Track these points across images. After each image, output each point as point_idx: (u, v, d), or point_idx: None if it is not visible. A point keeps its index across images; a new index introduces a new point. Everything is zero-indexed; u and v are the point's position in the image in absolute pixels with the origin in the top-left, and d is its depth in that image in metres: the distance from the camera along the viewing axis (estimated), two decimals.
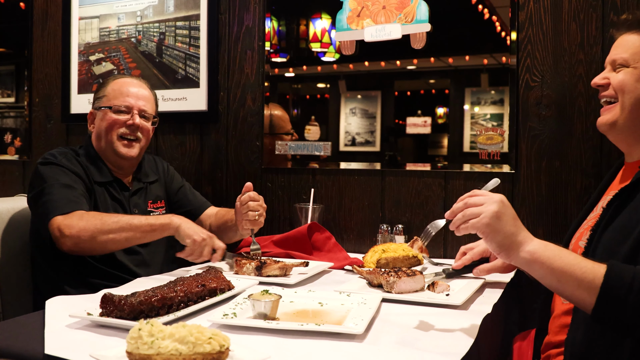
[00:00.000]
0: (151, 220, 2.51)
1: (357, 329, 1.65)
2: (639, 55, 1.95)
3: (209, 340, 1.35)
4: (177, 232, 2.50)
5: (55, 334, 1.66)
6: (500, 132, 2.98)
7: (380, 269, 2.32)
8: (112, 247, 2.49)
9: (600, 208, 1.95)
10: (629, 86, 1.94)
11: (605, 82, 2.02)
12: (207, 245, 2.50)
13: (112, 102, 2.78)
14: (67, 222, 2.40)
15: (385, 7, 3.17)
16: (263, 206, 2.70)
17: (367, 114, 3.37)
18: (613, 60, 2.01)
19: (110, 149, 2.76)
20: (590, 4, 2.81)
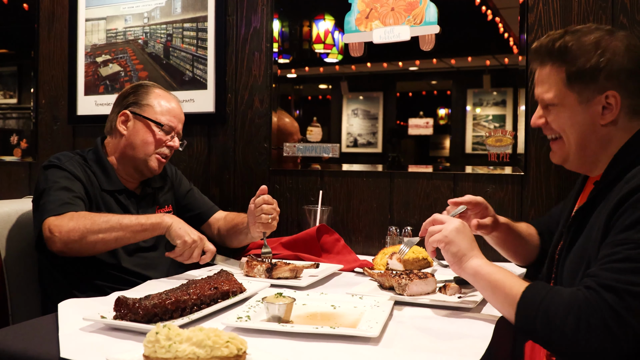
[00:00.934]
0: (142, 220, 2.48)
1: (373, 332, 1.65)
2: (562, 92, 1.89)
3: (227, 343, 1.35)
4: (168, 232, 2.47)
5: (70, 337, 1.66)
6: (510, 134, 2.97)
7: (392, 271, 2.32)
8: (102, 247, 2.45)
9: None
10: (567, 124, 1.91)
11: (543, 123, 1.99)
12: (197, 247, 2.48)
13: (159, 118, 2.77)
14: (57, 223, 2.39)
15: (394, 9, 3.16)
16: (277, 210, 2.70)
17: (369, 115, 3.37)
18: (541, 99, 1.97)
19: (143, 161, 2.75)
20: (599, 5, 2.80)
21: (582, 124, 1.88)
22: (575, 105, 1.87)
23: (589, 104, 1.86)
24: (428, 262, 2.66)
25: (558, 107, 1.91)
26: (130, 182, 2.81)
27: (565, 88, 1.87)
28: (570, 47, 1.85)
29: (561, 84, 1.88)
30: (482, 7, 3.02)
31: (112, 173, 2.74)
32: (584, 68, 1.83)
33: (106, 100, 3.93)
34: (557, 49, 1.87)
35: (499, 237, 2.37)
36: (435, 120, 3.21)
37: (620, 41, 1.84)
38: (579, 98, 1.86)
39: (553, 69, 1.90)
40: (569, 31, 1.90)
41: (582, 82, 1.85)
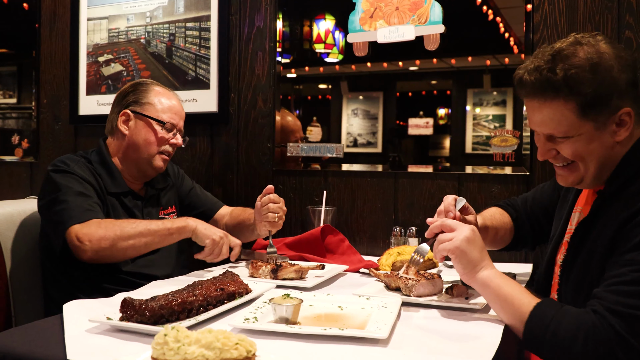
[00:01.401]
0: (168, 225, 2.51)
1: (381, 334, 1.64)
2: (576, 124, 1.78)
3: (236, 345, 1.33)
4: (195, 234, 2.51)
5: (76, 339, 1.64)
6: (515, 134, 2.96)
7: (398, 272, 2.31)
8: (132, 253, 2.48)
9: (572, 229, 1.99)
10: (584, 152, 1.82)
11: (554, 155, 1.89)
12: (224, 244, 2.52)
13: (160, 116, 2.75)
14: (85, 231, 2.38)
15: (398, 8, 3.15)
16: (283, 209, 2.71)
17: (369, 115, 3.36)
18: (549, 135, 1.85)
19: (146, 160, 2.74)
20: (605, 5, 2.79)
21: (601, 147, 1.81)
22: (592, 133, 1.79)
23: (604, 127, 1.79)
24: (434, 262, 2.65)
25: (572, 139, 1.81)
26: (135, 183, 2.80)
27: (579, 119, 1.77)
28: (574, 75, 1.74)
29: (573, 117, 1.77)
30: (483, 7, 3.01)
31: (118, 175, 2.72)
32: (596, 94, 1.74)
33: (108, 100, 3.91)
34: (563, 81, 1.75)
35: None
36: (435, 120, 3.20)
37: (608, 53, 1.77)
38: (595, 125, 1.78)
39: (559, 102, 1.77)
40: (557, 56, 1.77)
41: (597, 109, 1.76)
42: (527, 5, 2.93)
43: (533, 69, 1.80)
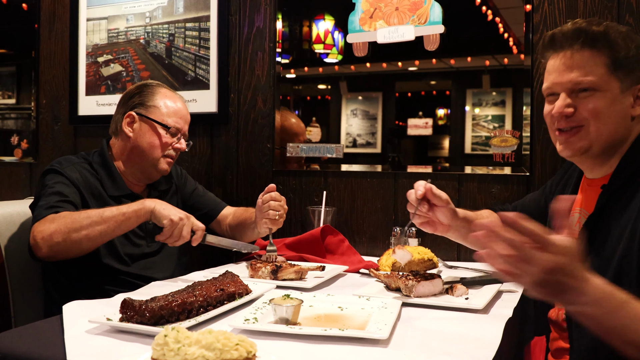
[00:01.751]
0: (123, 209, 2.41)
1: (382, 334, 1.64)
2: (605, 77, 1.80)
3: (236, 346, 1.33)
4: (153, 215, 2.40)
5: (75, 340, 1.64)
6: (515, 134, 2.96)
7: (398, 273, 2.30)
8: (88, 244, 2.37)
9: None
10: (604, 112, 1.80)
11: (571, 111, 1.84)
12: (185, 224, 2.41)
13: (165, 120, 2.74)
14: (40, 229, 2.33)
15: (398, 9, 3.15)
16: (284, 207, 2.70)
17: (368, 116, 3.36)
18: (576, 83, 1.82)
19: (151, 164, 2.73)
20: (605, 5, 2.79)
21: (619, 114, 1.82)
22: (617, 93, 1.80)
23: (626, 93, 1.82)
24: (434, 262, 2.65)
25: (596, 94, 1.81)
26: (137, 185, 2.79)
27: (609, 73, 1.80)
28: (612, 32, 1.80)
29: (604, 69, 1.80)
30: (483, 7, 3.01)
31: (118, 177, 2.71)
32: (628, 56, 1.79)
33: (107, 100, 3.91)
34: (603, 34, 1.80)
35: (459, 232, 2.23)
36: (434, 121, 3.20)
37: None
38: (621, 86, 1.80)
39: (594, 52, 1.80)
40: (593, 21, 1.84)
41: (626, 70, 1.80)
42: (526, 5, 2.93)
43: (570, 24, 1.84)
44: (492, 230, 1.36)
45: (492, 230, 1.36)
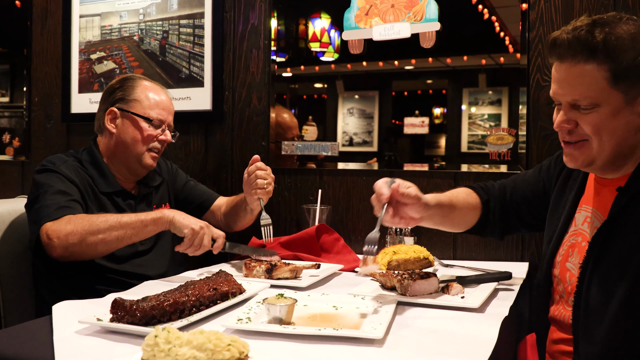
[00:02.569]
0: (142, 217, 2.42)
1: (377, 334, 1.62)
2: (606, 92, 1.70)
3: (228, 347, 1.31)
4: (172, 224, 2.41)
5: (65, 340, 1.62)
6: (511, 132, 2.94)
7: (393, 271, 2.28)
8: (103, 248, 2.39)
9: (581, 231, 1.91)
10: (607, 127, 1.73)
11: (572, 127, 1.79)
12: (205, 233, 2.41)
13: (147, 113, 2.71)
14: (55, 227, 2.33)
15: (394, 6, 3.13)
16: (271, 176, 2.69)
17: (365, 114, 3.34)
18: (573, 101, 1.75)
19: (136, 159, 2.70)
20: (602, 3, 2.78)
21: (624, 126, 1.73)
22: (620, 106, 1.71)
23: (632, 103, 1.72)
24: (429, 261, 2.62)
25: (598, 109, 1.72)
26: (127, 182, 2.76)
27: (610, 87, 1.69)
28: (613, 40, 1.67)
29: (604, 83, 1.69)
30: (479, 6, 2.99)
31: (109, 174, 2.69)
32: (631, 66, 1.67)
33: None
34: (602, 44, 1.67)
35: (432, 220, 2.15)
36: (430, 119, 3.19)
37: None
38: (625, 98, 1.70)
39: (593, 66, 1.69)
40: (597, 22, 1.71)
41: (630, 81, 1.69)
42: (522, 3, 2.91)
43: (571, 29, 1.72)
44: None
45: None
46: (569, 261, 1.92)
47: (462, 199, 2.24)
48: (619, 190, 1.78)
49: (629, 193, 1.75)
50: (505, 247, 2.94)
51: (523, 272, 2.55)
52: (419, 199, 2.01)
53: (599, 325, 1.70)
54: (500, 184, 2.35)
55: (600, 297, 1.72)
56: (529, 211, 2.23)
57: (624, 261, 1.69)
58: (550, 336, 1.94)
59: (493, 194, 2.31)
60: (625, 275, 1.67)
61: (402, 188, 1.98)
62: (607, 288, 1.71)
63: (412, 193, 2.00)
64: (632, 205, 1.73)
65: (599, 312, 1.71)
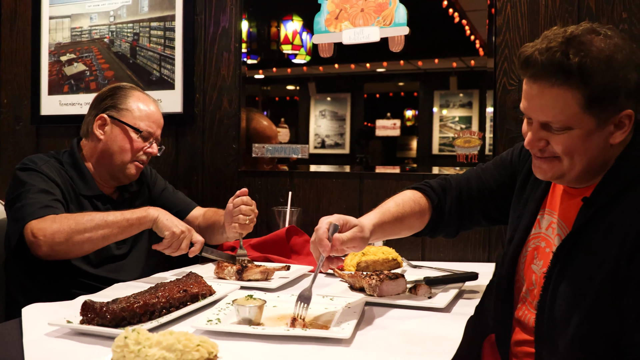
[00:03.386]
0: (127, 215, 2.44)
1: (344, 334, 1.64)
2: (578, 116, 1.66)
3: (197, 347, 1.32)
4: (156, 224, 2.44)
5: (34, 343, 1.62)
6: (478, 135, 2.98)
7: (362, 272, 2.31)
8: (89, 247, 2.41)
9: (545, 236, 1.91)
10: (578, 149, 1.70)
11: (543, 146, 1.76)
12: (185, 238, 2.44)
13: (137, 124, 2.71)
14: (40, 226, 2.33)
15: (363, 10, 3.16)
16: (255, 211, 2.66)
17: (337, 117, 3.37)
18: (546, 123, 1.71)
19: (120, 167, 2.71)
20: (566, 9, 2.83)
21: (595, 147, 1.70)
22: (593, 130, 1.67)
23: (604, 125, 1.68)
24: (398, 262, 2.66)
25: (569, 132, 1.69)
26: (107, 187, 2.76)
27: (583, 112, 1.65)
28: (588, 64, 1.61)
29: (577, 108, 1.64)
30: (449, 10, 3.03)
31: (90, 178, 2.69)
32: (605, 89, 1.62)
33: (71, 100, 3.86)
34: (577, 68, 1.61)
35: (377, 239, 2.12)
36: (402, 122, 3.22)
37: (625, 49, 1.66)
38: (597, 122, 1.66)
39: (567, 90, 1.64)
40: (572, 40, 1.64)
41: (603, 105, 1.64)
42: (490, 8, 2.95)
43: (545, 49, 1.65)
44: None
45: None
46: (534, 263, 1.92)
47: (409, 209, 2.16)
48: (584, 200, 1.76)
49: (595, 205, 1.73)
50: (473, 248, 2.99)
51: (489, 273, 2.59)
52: (362, 238, 1.95)
53: (562, 336, 1.70)
54: (457, 178, 2.28)
55: (564, 308, 1.72)
56: (494, 205, 2.20)
57: (589, 274, 1.68)
58: (515, 337, 1.96)
59: (448, 194, 2.24)
60: (590, 288, 1.66)
61: (344, 237, 1.90)
62: (571, 300, 1.70)
63: (352, 236, 1.92)
64: (597, 217, 1.71)
65: (563, 323, 1.70)
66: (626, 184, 1.70)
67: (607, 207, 1.70)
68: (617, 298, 1.62)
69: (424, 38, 3.13)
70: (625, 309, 1.61)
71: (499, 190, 2.18)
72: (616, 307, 1.63)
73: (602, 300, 1.64)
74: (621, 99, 1.65)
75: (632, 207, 1.65)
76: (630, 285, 1.60)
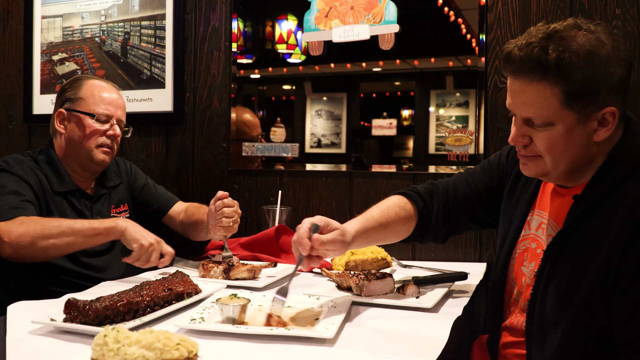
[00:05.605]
0: (95, 225, 2.41)
1: (328, 334, 1.64)
2: (558, 111, 1.66)
3: (177, 346, 1.32)
4: (123, 236, 2.40)
5: (18, 340, 1.62)
6: (469, 134, 2.98)
7: (350, 272, 2.30)
8: (53, 252, 2.39)
9: (535, 237, 1.90)
10: (559, 146, 1.70)
11: (527, 142, 1.76)
12: (154, 250, 2.40)
13: (92, 109, 2.70)
14: (7, 228, 2.31)
15: (353, 8, 3.15)
16: (238, 212, 2.62)
17: (333, 116, 3.36)
18: (527, 119, 1.72)
19: (86, 156, 2.69)
20: (558, 5, 2.82)
21: (578, 144, 1.70)
22: (574, 125, 1.67)
23: (586, 122, 1.67)
24: (387, 262, 2.65)
25: (550, 128, 1.69)
26: (84, 182, 2.75)
27: (563, 107, 1.65)
28: (567, 59, 1.61)
29: (557, 103, 1.65)
30: (445, 8, 3.02)
31: (65, 173, 2.67)
32: (585, 84, 1.62)
33: None
34: (554, 63, 1.62)
35: (359, 245, 2.11)
36: (398, 121, 3.21)
37: (607, 44, 1.65)
38: (578, 117, 1.66)
39: (546, 85, 1.65)
40: (552, 37, 1.64)
41: (583, 100, 1.64)
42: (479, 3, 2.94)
43: (524, 45, 1.66)
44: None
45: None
46: (524, 265, 1.91)
47: (394, 214, 2.16)
48: (574, 198, 1.76)
49: (585, 203, 1.72)
50: (464, 248, 2.97)
51: (480, 273, 2.59)
52: (342, 242, 1.96)
53: (552, 336, 1.70)
54: (444, 183, 2.29)
55: (554, 307, 1.71)
56: (482, 208, 2.19)
57: (579, 272, 1.67)
58: (503, 339, 1.95)
59: (435, 198, 2.24)
60: (580, 287, 1.66)
61: (324, 238, 1.92)
62: (561, 298, 1.70)
63: (332, 238, 1.93)
64: (588, 215, 1.71)
65: (553, 323, 1.70)
66: (617, 181, 1.69)
67: (597, 204, 1.70)
68: (608, 296, 1.62)
69: (420, 37, 3.12)
70: (616, 307, 1.60)
71: (486, 193, 2.18)
72: (607, 305, 1.62)
73: (593, 299, 1.63)
74: (602, 94, 1.65)
75: (624, 204, 1.64)
76: (621, 283, 1.59)
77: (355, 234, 2.00)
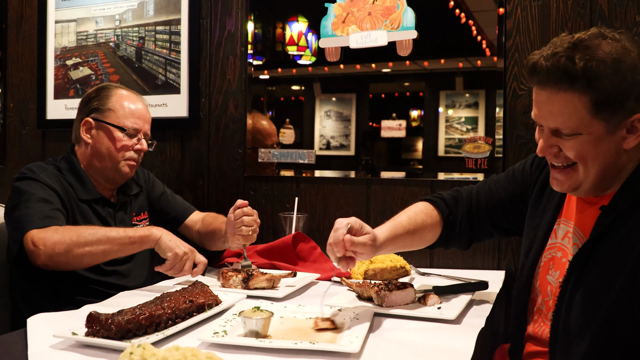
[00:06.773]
0: (130, 233, 2.42)
1: (353, 347, 1.62)
2: (587, 121, 1.65)
3: None
4: (158, 245, 2.41)
5: (39, 355, 1.61)
6: (487, 140, 2.95)
7: (370, 282, 2.29)
8: (89, 260, 2.38)
9: (562, 246, 1.88)
10: (590, 155, 1.69)
11: (555, 152, 1.75)
12: (188, 259, 2.41)
13: (122, 122, 2.68)
14: (42, 236, 2.31)
15: (371, 14, 3.13)
16: (257, 221, 2.62)
17: (342, 117, 3.34)
18: (555, 129, 1.71)
19: (112, 168, 2.68)
20: (578, 12, 2.79)
21: (607, 152, 1.68)
22: (602, 134, 1.66)
23: (615, 130, 1.66)
24: (406, 270, 2.64)
25: (579, 137, 1.67)
26: (106, 190, 2.74)
27: (591, 116, 1.64)
28: (594, 68, 1.60)
29: (585, 112, 1.64)
30: (456, 10, 3.00)
31: (88, 182, 2.66)
32: (613, 92, 1.61)
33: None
34: (582, 72, 1.60)
35: (389, 250, 2.15)
36: (408, 122, 3.19)
37: (633, 51, 1.65)
38: (606, 126, 1.65)
39: (574, 94, 1.64)
40: (578, 46, 1.63)
41: (611, 108, 1.63)
42: (499, 9, 2.92)
43: (550, 55, 1.65)
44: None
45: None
46: (550, 274, 1.89)
47: (421, 222, 2.18)
48: (602, 209, 1.75)
49: (612, 213, 1.71)
50: (482, 255, 2.95)
51: (499, 281, 2.56)
52: (373, 246, 1.98)
53: (578, 346, 1.68)
54: (469, 190, 2.30)
55: (580, 317, 1.70)
56: (505, 216, 2.19)
57: (605, 282, 1.66)
58: (527, 349, 1.93)
59: (460, 205, 2.25)
60: (607, 297, 1.64)
61: (355, 239, 1.94)
62: (588, 309, 1.68)
63: (364, 241, 1.96)
64: (615, 225, 1.70)
65: (579, 333, 1.68)
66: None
67: (625, 215, 1.69)
68: (635, 307, 1.60)
69: (430, 39, 3.10)
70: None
71: (510, 201, 2.17)
72: (634, 316, 1.60)
73: (619, 310, 1.62)
74: (630, 102, 1.64)
75: None
76: None
77: (384, 240, 2.02)
